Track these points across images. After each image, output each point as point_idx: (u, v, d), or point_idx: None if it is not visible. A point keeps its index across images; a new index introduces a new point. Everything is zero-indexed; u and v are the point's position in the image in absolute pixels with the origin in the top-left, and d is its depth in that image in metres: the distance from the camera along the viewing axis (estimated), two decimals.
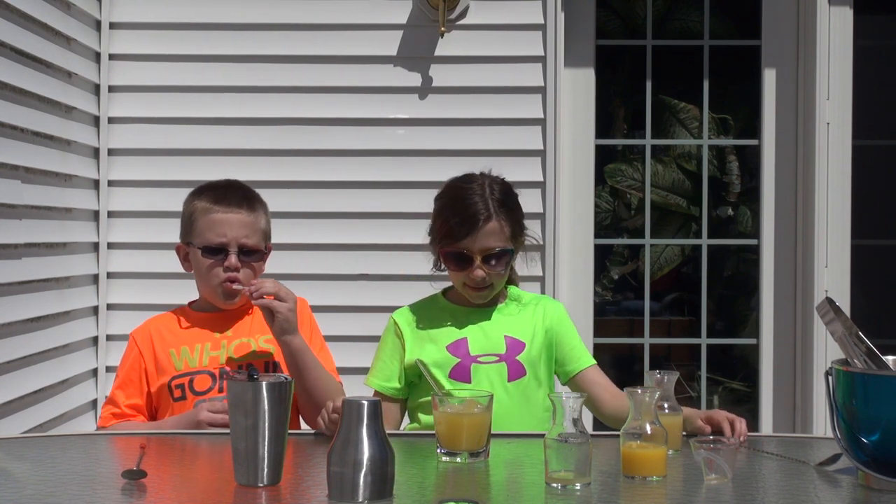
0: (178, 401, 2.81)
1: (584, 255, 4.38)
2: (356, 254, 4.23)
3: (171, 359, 2.84)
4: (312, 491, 2.05)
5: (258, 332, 2.88)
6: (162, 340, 2.87)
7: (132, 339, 2.91)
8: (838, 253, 4.26)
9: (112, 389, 2.90)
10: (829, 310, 2.22)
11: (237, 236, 2.82)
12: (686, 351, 4.69)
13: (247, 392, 2.06)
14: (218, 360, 2.82)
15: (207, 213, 2.83)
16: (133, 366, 2.87)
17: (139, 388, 2.86)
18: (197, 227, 2.85)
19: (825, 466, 2.26)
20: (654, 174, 4.92)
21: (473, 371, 2.76)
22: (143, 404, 2.86)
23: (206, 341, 2.86)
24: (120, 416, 2.84)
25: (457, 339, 2.80)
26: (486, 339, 2.80)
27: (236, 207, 2.84)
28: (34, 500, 2.01)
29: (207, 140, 4.23)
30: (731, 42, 4.62)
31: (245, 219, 2.84)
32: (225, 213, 2.82)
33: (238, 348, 2.85)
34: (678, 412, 2.43)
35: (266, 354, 2.84)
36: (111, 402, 2.87)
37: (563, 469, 2.07)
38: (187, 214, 2.90)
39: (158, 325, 2.92)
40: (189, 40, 4.24)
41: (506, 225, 2.78)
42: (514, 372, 2.78)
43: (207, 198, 2.86)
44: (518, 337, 2.82)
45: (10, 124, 3.44)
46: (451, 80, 4.23)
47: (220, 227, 2.82)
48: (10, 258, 3.44)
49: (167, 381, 2.82)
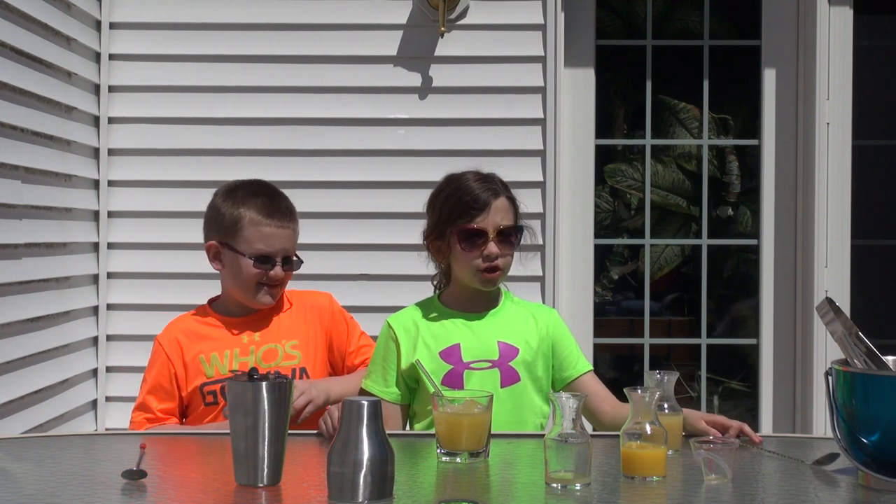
0: (210, 405, 2.86)
1: (584, 255, 4.38)
2: (356, 254, 4.23)
3: (202, 365, 2.88)
4: (312, 491, 2.05)
5: (285, 337, 2.93)
6: (190, 345, 2.90)
7: (158, 345, 2.93)
8: (838, 253, 4.26)
9: (142, 395, 2.91)
10: (829, 310, 2.22)
11: (284, 248, 2.93)
12: (686, 351, 4.69)
13: (247, 392, 2.06)
14: (247, 365, 2.84)
15: (259, 224, 2.90)
16: (162, 371, 2.89)
17: (171, 393, 2.89)
18: (244, 235, 2.90)
19: (822, 465, 2.27)
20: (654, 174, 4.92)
21: (466, 377, 2.75)
22: (175, 407, 2.89)
23: (235, 346, 2.90)
24: (154, 420, 2.86)
25: (450, 346, 2.78)
26: (479, 345, 2.79)
27: (287, 222, 2.95)
28: (34, 500, 2.01)
29: (207, 140, 4.23)
30: (731, 42, 4.62)
31: (291, 232, 2.97)
32: (277, 227, 2.92)
33: (266, 354, 2.89)
34: (678, 412, 2.43)
35: (293, 360, 2.89)
36: (143, 407, 2.89)
37: (563, 469, 2.07)
38: (229, 219, 2.92)
39: (184, 329, 2.95)
40: (189, 40, 4.24)
41: (511, 205, 2.83)
42: (507, 378, 2.76)
43: (255, 208, 2.92)
44: (511, 342, 2.80)
45: (10, 124, 3.44)
46: (451, 80, 4.23)
47: (271, 239, 2.91)
48: (10, 258, 3.44)
49: (198, 385, 2.87)
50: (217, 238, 2.94)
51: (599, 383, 2.85)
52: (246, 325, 2.94)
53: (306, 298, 3.04)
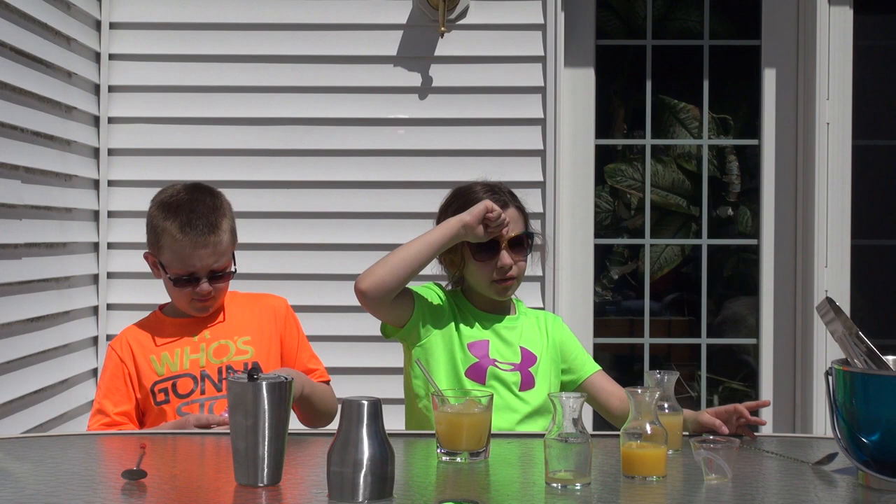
0: (162, 404, 2.84)
1: (584, 255, 4.38)
2: (356, 254, 4.22)
3: (153, 365, 2.86)
4: (312, 491, 2.05)
5: (236, 333, 2.92)
6: (141, 347, 2.89)
7: (111, 350, 2.92)
8: (838, 253, 4.26)
9: (97, 400, 2.89)
10: (829, 310, 2.22)
11: (207, 265, 2.84)
12: (686, 351, 4.69)
13: (247, 392, 2.06)
14: (198, 362, 2.86)
15: (175, 243, 2.81)
16: (116, 373, 2.88)
17: (126, 395, 2.86)
18: (165, 253, 2.85)
19: (821, 465, 2.27)
20: (654, 174, 4.91)
21: (489, 373, 2.78)
22: (132, 410, 2.87)
23: (186, 345, 2.89)
24: (111, 425, 2.84)
25: (479, 340, 2.83)
26: (505, 347, 2.84)
27: (203, 238, 2.81)
28: (34, 500, 2.01)
29: (207, 140, 4.23)
30: (730, 42, 4.62)
31: (212, 248, 2.82)
32: (193, 247, 2.80)
33: (217, 350, 2.88)
34: (678, 412, 2.43)
35: (245, 355, 2.87)
36: (100, 412, 2.86)
37: (563, 469, 2.07)
38: (155, 231, 2.87)
39: (136, 333, 2.94)
40: (189, 40, 4.24)
41: (520, 214, 2.88)
42: (525, 382, 2.81)
43: (175, 224, 2.81)
44: (532, 349, 2.86)
45: (10, 124, 3.44)
46: (451, 80, 4.23)
47: (190, 259, 2.82)
48: (10, 258, 3.44)
49: (150, 385, 2.85)
50: (150, 249, 2.92)
51: (609, 380, 2.90)
52: (195, 325, 2.92)
53: (261, 299, 3.02)
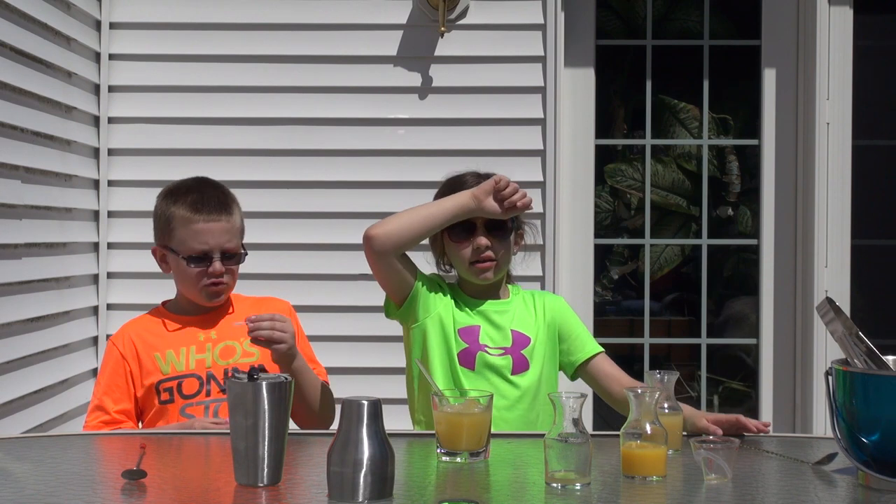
0: (165, 403, 2.82)
1: (584, 255, 4.38)
2: (356, 254, 4.21)
3: (157, 362, 2.85)
4: (312, 491, 2.05)
5: (242, 334, 2.89)
6: (145, 344, 2.87)
7: (112, 345, 2.90)
8: (838, 253, 4.26)
9: (97, 396, 2.87)
10: (829, 310, 2.22)
11: (220, 243, 2.87)
12: (686, 351, 4.69)
13: (247, 392, 2.06)
14: (204, 363, 2.85)
15: (188, 223, 2.86)
16: (116, 370, 2.86)
17: (127, 392, 2.85)
18: (177, 236, 2.87)
19: (821, 465, 2.27)
20: (654, 174, 4.92)
21: (479, 359, 2.79)
22: (132, 409, 2.85)
23: (191, 344, 2.88)
24: (110, 422, 2.83)
25: (469, 326, 2.83)
26: (496, 331, 2.83)
27: (216, 215, 2.87)
28: (34, 500, 2.01)
29: (207, 140, 4.23)
30: (730, 42, 4.62)
31: (225, 225, 2.88)
32: (206, 222, 2.85)
33: (223, 351, 2.87)
34: (678, 412, 2.43)
35: (251, 357, 2.86)
36: (99, 408, 2.85)
37: (563, 469, 2.07)
38: (163, 219, 2.90)
39: (139, 329, 2.92)
40: (189, 40, 4.24)
41: None
42: (518, 365, 2.80)
43: (185, 205, 2.87)
44: (524, 331, 2.85)
45: (10, 124, 3.44)
46: (451, 80, 4.23)
47: (203, 236, 2.85)
48: (10, 258, 3.44)
49: (154, 383, 2.83)
50: (158, 241, 2.93)
51: (612, 364, 2.88)
52: (201, 324, 2.92)
53: (266, 303, 3.02)
